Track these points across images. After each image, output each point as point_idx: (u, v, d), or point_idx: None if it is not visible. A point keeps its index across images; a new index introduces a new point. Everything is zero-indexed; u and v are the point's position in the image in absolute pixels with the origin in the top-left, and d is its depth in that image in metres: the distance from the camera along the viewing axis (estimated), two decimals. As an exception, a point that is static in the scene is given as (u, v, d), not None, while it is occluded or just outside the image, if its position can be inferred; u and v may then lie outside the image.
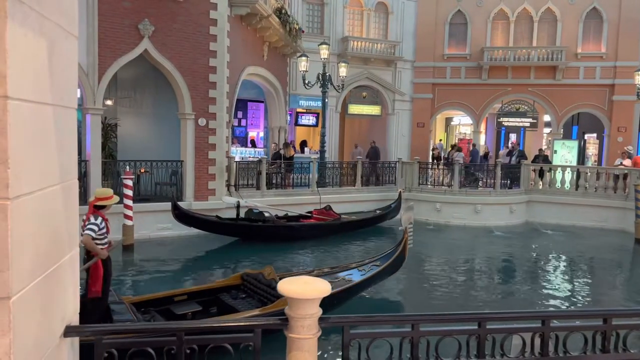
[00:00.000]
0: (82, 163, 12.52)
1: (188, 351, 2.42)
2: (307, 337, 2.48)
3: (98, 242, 6.01)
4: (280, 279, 7.38)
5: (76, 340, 2.39)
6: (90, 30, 11.76)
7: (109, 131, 14.11)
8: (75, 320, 2.38)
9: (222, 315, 6.68)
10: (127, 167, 12.47)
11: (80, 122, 14.29)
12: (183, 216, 12.28)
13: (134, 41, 12.37)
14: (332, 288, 7.34)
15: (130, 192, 11.58)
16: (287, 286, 2.49)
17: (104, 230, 6.10)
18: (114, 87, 14.51)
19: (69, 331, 2.24)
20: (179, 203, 12.36)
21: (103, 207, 6.26)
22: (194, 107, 13.25)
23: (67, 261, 2.26)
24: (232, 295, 7.29)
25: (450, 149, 22.19)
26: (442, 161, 19.28)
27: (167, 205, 12.11)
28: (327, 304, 7.10)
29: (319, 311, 2.51)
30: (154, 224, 12.72)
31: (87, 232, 5.93)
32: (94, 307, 5.92)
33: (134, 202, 11.79)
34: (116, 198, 6.47)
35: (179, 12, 12.86)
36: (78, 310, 2.43)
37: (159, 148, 14.10)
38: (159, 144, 14.33)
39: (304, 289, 2.46)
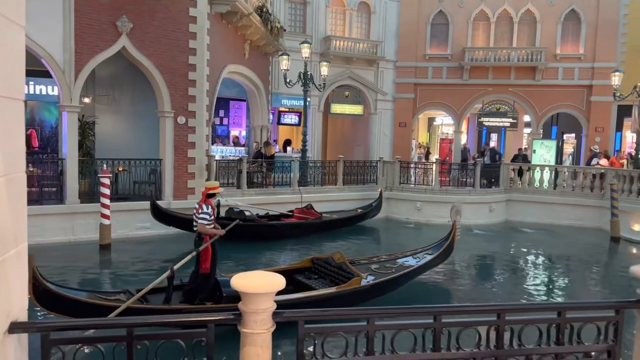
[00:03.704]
0: (59, 161, 12.39)
1: (139, 347, 2.39)
2: (261, 332, 2.47)
3: (209, 226, 7.30)
4: (351, 263, 8.07)
5: (24, 337, 2.34)
6: (66, 26, 11.60)
7: (86, 129, 13.95)
8: (22, 316, 2.33)
9: (298, 292, 7.50)
10: (105, 165, 12.33)
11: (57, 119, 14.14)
12: (162, 215, 12.18)
13: (112, 38, 12.23)
14: (395, 272, 8.27)
15: (107, 191, 11.47)
16: (240, 280, 2.48)
17: (212, 217, 7.37)
18: (92, 84, 14.34)
19: (14, 327, 2.19)
20: (158, 202, 12.26)
21: (212, 195, 7.61)
22: (173, 105, 13.14)
23: (12, 256, 2.21)
24: (306, 276, 8.26)
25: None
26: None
27: (146, 204, 12.00)
28: (392, 286, 7.76)
29: (273, 305, 2.50)
30: (133, 223, 12.60)
31: (201, 221, 7.23)
32: (204, 281, 7.11)
33: (111, 201, 11.68)
34: (222, 188, 8.00)
35: (158, 9, 12.75)
36: (26, 307, 2.39)
37: (138, 146, 13.97)
38: (138, 142, 14.19)
39: (257, 284, 2.45)
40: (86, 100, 14.09)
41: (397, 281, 8.29)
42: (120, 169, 13.24)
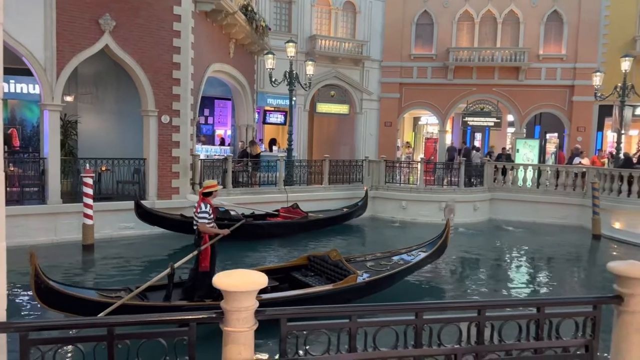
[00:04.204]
0: (41, 161, 12.22)
1: (120, 346, 2.38)
2: (243, 330, 2.47)
3: (209, 225, 7.34)
4: (347, 260, 8.13)
5: (2, 337, 2.32)
6: (48, 23, 11.45)
7: (68, 128, 13.78)
8: (1, 316, 2.31)
9: (294, 289, 7.59)
10: (88, 165, 12.20)
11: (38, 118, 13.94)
12: (146, 215, 12.08)
13: (95, 36, 12.09)
14: (390, 269, 8.33)
15: (90, 191, 11.34)
16: (222, 279, 2.47)
17: (212, 216, 7.41)
18: (74, 83, 14.17)
19: (-9, 327, 2.17)
20: (141, 202, 12.15)
21: (210, 194, 7.55)
22: (157, 104, 13.04)
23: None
24: (302, 273, 8.35)
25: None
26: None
27: (130, 204, 11.90)
28: (387, 283, 7.79)
29: (255, 304, 2.50)
30: (116, 223, 12.48)
31: (201, 220, 7.23)
32: (203, 279, 7.09)
33: (94, 201, 11.55)
34: (220, 186, 7.98)
35: (142, 7, 12.63)
36: (5, 307, 2.36)
37: (121, 146, 13.84)
38: (121, 141, 14.06)
39: (239, 282, 2.45)
40: (68, 99, 13.91)
41: (392, 278, 8.43)
42: (104, 168, 13.10)
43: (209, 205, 7.39)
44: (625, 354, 3.06)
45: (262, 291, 7.22)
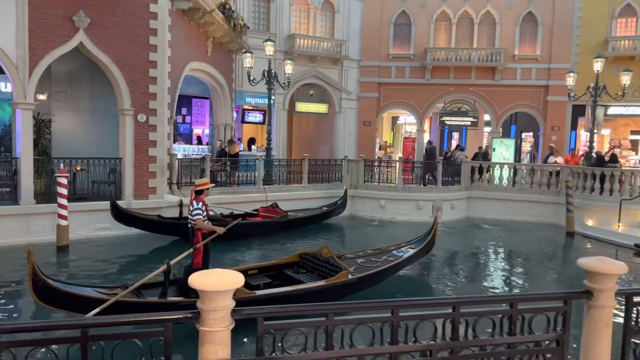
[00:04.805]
0: (13, 160, 11.95)
1: (94, 348, 2.35)
2: (219, 330, 2.46)
3: (204, 222, 7.49)
4: (338, 257, 8.25)
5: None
6: (20, 20, 11.19)
7: (42, 127, 13.51)
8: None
9: (286, 286, 7.74)
10: (62, 164, 11.96)
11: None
12: (122, 215, 11.91)
13: (68, 33, 11.86)
14: (380, 265, 8.52)
15: (64, 191, 11.14)
16: (198, 279, 2.46)
17: (205, 214, 7.55)
18: (48, 81, 13.90)
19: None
20: (117, 202, 11.98)
21: (202, 192, 7.70)
22: (133, 103, 12.86)
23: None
24: (294, 270, 8.53)
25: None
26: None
27: (105, 204, 11.72)
28: (377, 280, 8.01)
29: (231, 303, 2.50)
30: (92, 224, 12.29)
31: (196, 217, 7.41)
32: None
33: (69, 202, 11.34)
34: (212, 185, 8.25)
35: (117, 4, 12.44)
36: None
37: (97, 145, 13.63)
38: (97, 140, 13.84)
39: (215, 282, 2.44)
40: (41, 97, 13.64)
41: (382, 274, 8.61)
42: (79, 168, 12.87)
43: (201, 203, 7.53)
44: (595, 347, 3.15)
45: (255, 288, 7.40)
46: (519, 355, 3.08)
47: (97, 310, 5.93)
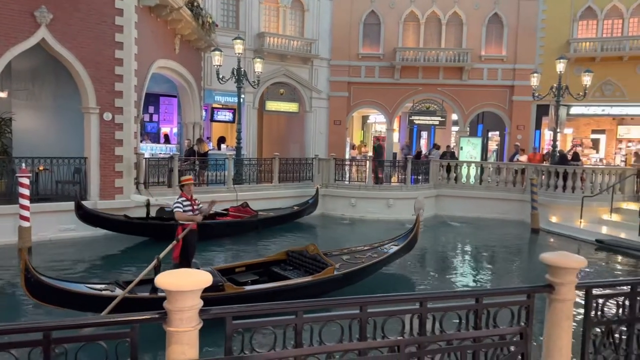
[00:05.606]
0: (-29, 160, 11.53)
1: (57, 351, 2.29)
2: (187, 330, 2.43)
3: (186, 214, 7.83)
4: (324, 254, 8.41)
5: None
6: (-23, 15, 10.80)
7: (2, 125, 13.05)
8: None
9: (274, 282, 7.87)
10: (24, 164, 11.59)
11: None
12: (88, 216, 11.66)
13: (30, 29, 11.51)
14: (365, 262, 8.72)
15: (26, 191, 10.73)
16: (164, 279, 2.43)
17: (189, 206, 7.95)
18: (8, 78, 13.44)
19: None
20: (82, 202, 11.70)
21: (183, 187, 8.23)
22: (98, 101, 12.57)
23: None
24: (281, 267, 8.69)
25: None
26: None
27: (70, 204, 11.45)
28: (362, 275, 8.32)
29: (199, 303, 2.47)
30: (56, 225, 11.97)
31: (175, 210, 7.84)
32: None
33: (31, 202, 10.97)
34: (191, 177, 8.67)
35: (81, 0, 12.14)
36: None
37: (61, 144, 13.25)
38: (61, 139, 13.46)
39: (182, 282, 2.41)
40: (1, 95, 13.19)
41: (366, 270, 8.87)
42: (41, 168, 12.49)
43: (182, 197, 8.01)
44: (557, 339, 3.25)
45: (243, 285, 7.52)
46: (484, 349, 3.15)
47: (109, 308, 6.19)
